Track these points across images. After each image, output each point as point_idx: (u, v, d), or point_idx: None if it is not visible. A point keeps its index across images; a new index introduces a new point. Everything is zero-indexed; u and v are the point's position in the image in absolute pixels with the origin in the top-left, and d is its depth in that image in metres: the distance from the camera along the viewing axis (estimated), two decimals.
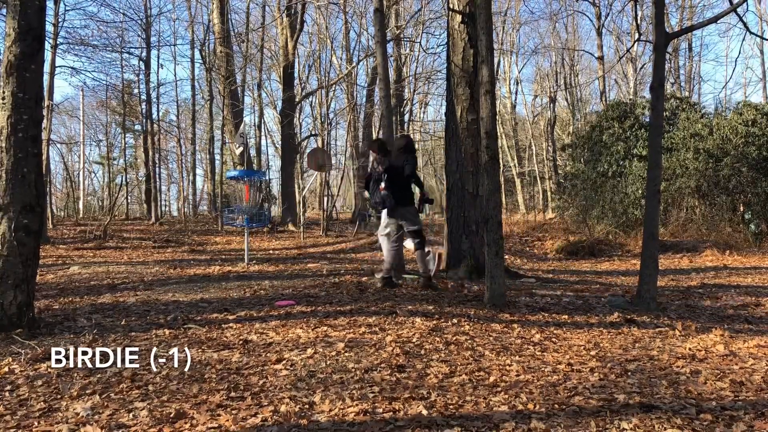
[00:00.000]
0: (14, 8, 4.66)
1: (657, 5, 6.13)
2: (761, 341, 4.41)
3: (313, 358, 3.87)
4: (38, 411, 2.97)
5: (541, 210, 25.66)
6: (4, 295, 4.55)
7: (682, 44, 26.41)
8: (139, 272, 8.47)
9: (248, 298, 6.16)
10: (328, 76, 23.14)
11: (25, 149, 4.64)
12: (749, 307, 6.13)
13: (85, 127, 33.05)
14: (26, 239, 4.62)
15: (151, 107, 22.95)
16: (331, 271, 8.40)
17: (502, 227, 5.72)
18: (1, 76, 4.67)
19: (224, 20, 20.08)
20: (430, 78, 23.53)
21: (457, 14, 7.48)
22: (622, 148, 15.23)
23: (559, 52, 28.17)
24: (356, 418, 2.81)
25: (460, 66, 7.47)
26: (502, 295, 5.59)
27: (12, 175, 4.59)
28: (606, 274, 9.42)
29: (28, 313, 4.68)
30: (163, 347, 4.19)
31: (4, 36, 4.94)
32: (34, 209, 4.68)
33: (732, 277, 8.62)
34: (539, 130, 31.29)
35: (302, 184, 20.55)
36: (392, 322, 4.90)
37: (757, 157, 13.32)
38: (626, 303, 5.89)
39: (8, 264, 4.57)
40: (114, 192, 27.69)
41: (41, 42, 4.83)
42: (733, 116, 14.44)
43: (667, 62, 11.06)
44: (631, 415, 2.80)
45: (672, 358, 3.93)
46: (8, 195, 4.59)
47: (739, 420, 2.73)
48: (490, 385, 3.29)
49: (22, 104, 4.64)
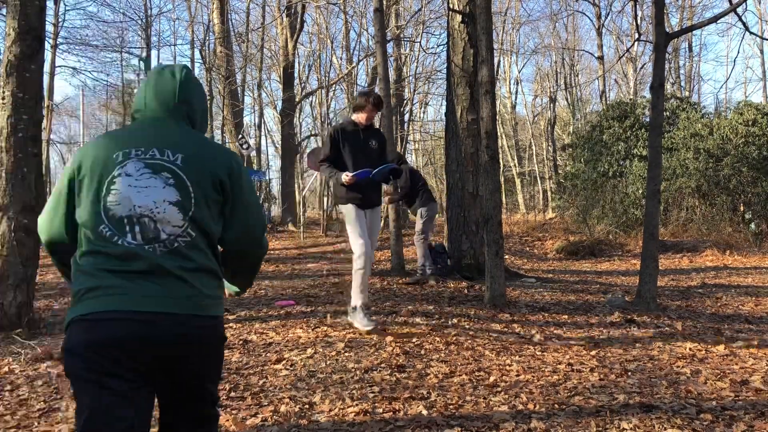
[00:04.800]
0: (14, 8, 4.66)
1: (657, 5, 6.13)
2: (761, 341, 4.41)
3: (313, 358, 3.87)
4: (38, 411, 2.97)
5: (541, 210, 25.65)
6: (4, 295, 4.55)
7: (682, 44, 26.40)
8: None
9: (248, 298, 6.16)
10: (328, 76, 23.12)
11: (24, 149, 4.64)
12: (749, 306, 6.13)
13: (85, 127, 33.05)
14: (26, 239, 4.62)
15: None
16: (331, 271, 8.40)
17: (502, 227, 5.72)
18: (1, 76, 4.67)
19: (224, 20, 20.07)
20: (430, 78, 23.50)
21: (457, 14, 7.48)
22: (622, 148, 15.22)
23: (559, 52, 28.18)
24: (356, 418, 2.81)
25: (460, 66, 7.47)
26: (502, 295, 5.58)
27: (12, 175, 4.60)
28: (606, 274, 9.41)
29: (28, 313, 4.68)
30: None
31: (4, 36, 4.94)
32: (34, 209, 4.67)
33: (732, 277, 8.61)
34: (539, 130, 31.27)
35: (302, 184, 20.54)
36: (392, 322, 4.90)
37: (758, 156, 13.31)
38: (626, 303, 5.89)
39: (8, 264, 4.57)
40: None
41: (41, 42, 4.83)
42: (733, 116, 14.43)
43: (667, 62, 11.07)
44: (631, 415, 2.80)
45: (672, 358, 3.93)
46: (8, 195, 4.59)
47: (739, 420, 2.73)
48: (490, 385, 3.29)
49: (22, 104, 4.64)
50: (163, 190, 1.54)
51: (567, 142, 25.00)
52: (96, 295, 1.48)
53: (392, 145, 7.99)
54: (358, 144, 4.50)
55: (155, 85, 1.69)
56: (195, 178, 1.58)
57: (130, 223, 1.52)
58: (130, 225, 1.52)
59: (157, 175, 1.55)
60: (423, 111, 30.06)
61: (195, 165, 1.59)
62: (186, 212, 1.55)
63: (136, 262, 1.50)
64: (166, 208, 1.54)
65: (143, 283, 1.49)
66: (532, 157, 30.49)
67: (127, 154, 1.57)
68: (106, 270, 1.50)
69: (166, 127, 1.65)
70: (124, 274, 1.49)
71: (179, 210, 1.55)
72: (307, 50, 24.51)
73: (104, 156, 1.57)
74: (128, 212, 1.52)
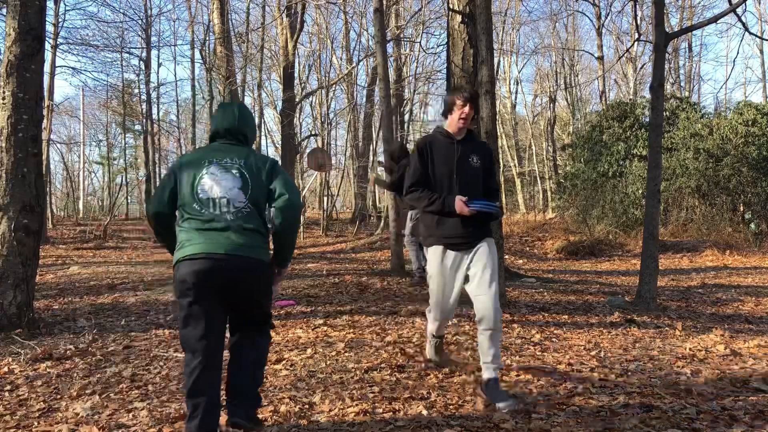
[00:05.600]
0: (14, 8, 4.66)
1: (657, 5, 6.13)
2: (761, 341, 4.41)
3: (313, 358, 3.87)
4: (38, 411, 2.97)
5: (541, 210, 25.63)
6: (4, 295, 4.54)
7: (682, 44, 26.39)
8: (139, 272, 8.46)
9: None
10: (328, 76, 23.12)
11: (25, 149, 4.64)
12: (749, 306, 6.13)
13: (85, 127, 33.03)
14: (26, 239, 4.62)
15: (151, 107, 22.96)
16: (331, 271, 8.40)
17: (502, 227, 5.72)
18: (1, 76, 4.67)
19: (224, 20, 20.06)
20: (430, 78, 23.51)
21: (457, 14, 7.48)
22: (622, 148, 15.22)
23: (559, 52, 28.17)
24: (356, 418, 2.81)
25: (460, 66, 7.47)
26: (502, 295, 5.58)
27: (12, 175, 4.59)
28: (606, 274, 9.41)
29: (28, 313, 4.68)
30: (163, 347, 4.19)
31: (4, 36, 4.93)
32: (34, 209, 4.68)
33: (732, 277, 8.61)
34: (539, 130, 31.26)
35: (302, 184, 20.54)
36: (392, 322, 4.90)
37: (757, 156, 13.31)
38: (626, 303, 5.89)
39: (8, 264, 4.57)
40: (114, 192, 27.71)
41: (41, 42, 4.83)
42: (733, 116, 14.43)
43: (667, 62, 11.06)
44: (631, 415, 2.80)
45: (672, 358, 3.93)
46: (8, 195, 4.59)
47: (739, 420, 2.73)
48: None
49: (22, 104, 4.64)
50: (232, 181, 2.48)
51: (567, 142, 24.99)
52: (191, 244, 2.39)
53: (392, 146, 7.99)
54: (450, 161, 3.20)
55: (223, 118, 2.66)
56: (250, 173, 2.52)
57: (213, 202, 2.45)
58: (213, 202, 2.45)
59: (228, 173, 2.49)
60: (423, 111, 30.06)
61: (250, 166, 2.53)
62: (246, 194, 2.48)
63: (215, 223, 2.41)
64: (235, 192, 2.47)
65: (219, 236, 2.39)
66: (532, 157, 30.48)
67: (210, 161, 2.52)
68: (196, 229, 2.42)
69: (231, 144, 2.63)
70: (208, 231, 2.41)
71: (243, 192, 2.48)
72: (307, 50, 24.51)
73: (196, 160, 2.54)
74: (212, 195, 2.45)
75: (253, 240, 2.43)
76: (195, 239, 2.39)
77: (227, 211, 2.43)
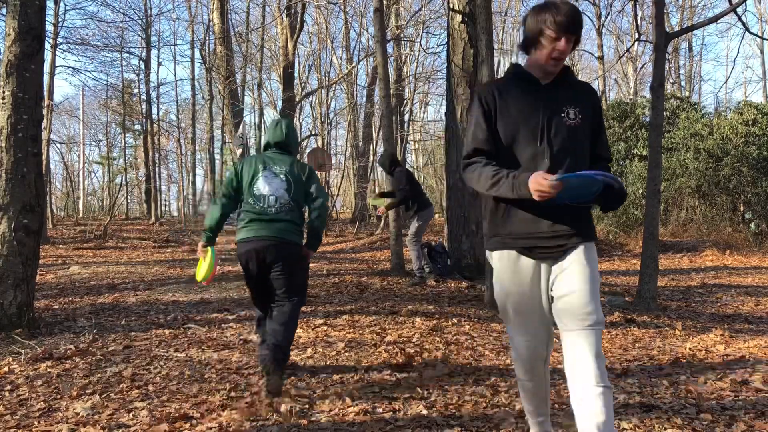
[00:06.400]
0: (14, 8, 4.66)
1: (657, 5, 6.13)
2: (761, 341, 4.41)
3: (313, 358, 3.87)
4: (38, 411, 2.97)
5: None
6: (4, 295, 4.54)
7: (682, 44, 26.40)
8: (139, 272, 8.46)
9: (248, 297, 6.15)
10: (328, 75, 23.12)
11: (24, 149, 4.64)
12: (749, 306, 6.13)
13: (85, 127, 33.04)
14: (26, 239, 4.62)
15: (151, 107, 22.96)
16: (331, 271, 8.40)
17: None
18: (1, 76, 4.67)
19: (224, 20, 20.06)
20: (430, 78, 23.50)
21: (457, 14, 7.48)
22: (622, 148, 15.22)
23: None
24: (356, 418, 2.81)
25: (460, 66, 7.47)
26: None
27: (12, 174, 4.59)
28: (606, 273, 9.41)
29: (28, 313, 4.68)
30: (163, 347, 4.19)
31: (4, 36, 4.93)
32: (34, 209, 4.68)
33: (732, 277, 8.61)
34: None
35: None
36: (392, 322, 4.90)
37: (758, 156, 13.30)
38: (626, 303, 5.89)
39: (8, 264, 4.57)
40: (114, 192, 27.70)
41: (41, 42, 4.83)
42: (733, 116, 14.43)
43: (667, 62, 11.06)
44: (631, 415, 2.80)
45: (672, 358, 3.93)
46: (8, 195, 4.59)
47: (739, 420, 2.73)
48: (491, 385, 3.29)
49: (22, 104, 4.64)
50: (280, 183, 3.37)
51: None
52: (246, 229, 3.32)
53: (392, 146, 7.99)
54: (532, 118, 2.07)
55: (273, 133, 3.54)
56: (293, 179, 3.40)
57: (264, 198, 3.34)
58: (264, 199, 3.34)
59: (277, 177, 3.38)
60: (423, 111, 30.06)
61: (293, 172, 3.42)
62: (290, 194, 3.37)
63: (265, 215, 3.32)
64: (281, 192, 3.36)
65: (267, 224, 3.30)
66: None
67: (263, 167, 3.40)
68: (250, 219, 3.33)
69: (279, 155, 3.50)
70: (259, 221, 3.32)
71: (288, 193, 3.37)
72: (307, 50, 24.50)
73: (254, 165, 3.41)
74: (264, 193, 3.34)
75: (290, 227, 3.33)
76: (249, 226, 3.31)
77: (273, 205, 3.32)
